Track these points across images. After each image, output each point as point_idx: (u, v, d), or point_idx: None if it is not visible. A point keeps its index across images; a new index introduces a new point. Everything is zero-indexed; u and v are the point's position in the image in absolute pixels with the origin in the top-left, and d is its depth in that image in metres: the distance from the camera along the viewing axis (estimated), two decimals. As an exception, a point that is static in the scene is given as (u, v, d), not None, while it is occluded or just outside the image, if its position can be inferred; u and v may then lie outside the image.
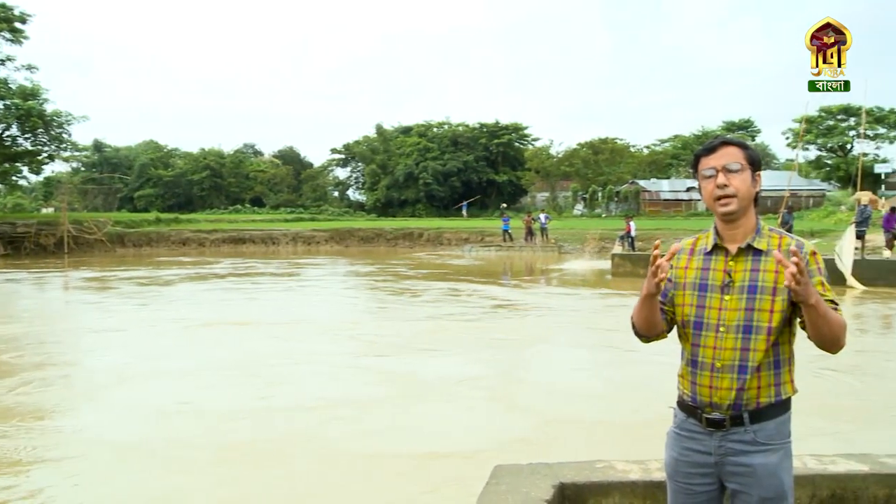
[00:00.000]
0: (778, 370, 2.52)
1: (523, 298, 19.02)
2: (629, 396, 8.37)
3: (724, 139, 2.59)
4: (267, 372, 9.81)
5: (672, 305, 2.68)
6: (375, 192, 79.07)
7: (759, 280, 2.49)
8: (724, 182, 2.52)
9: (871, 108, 63.12)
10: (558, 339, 12.72)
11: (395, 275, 26.00)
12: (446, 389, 8.89)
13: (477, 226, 47.97)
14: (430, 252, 40.62)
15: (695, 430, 2.60)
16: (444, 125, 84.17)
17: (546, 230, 39.78)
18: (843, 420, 7.51)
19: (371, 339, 12.72)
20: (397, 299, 18.65)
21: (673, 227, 40.69)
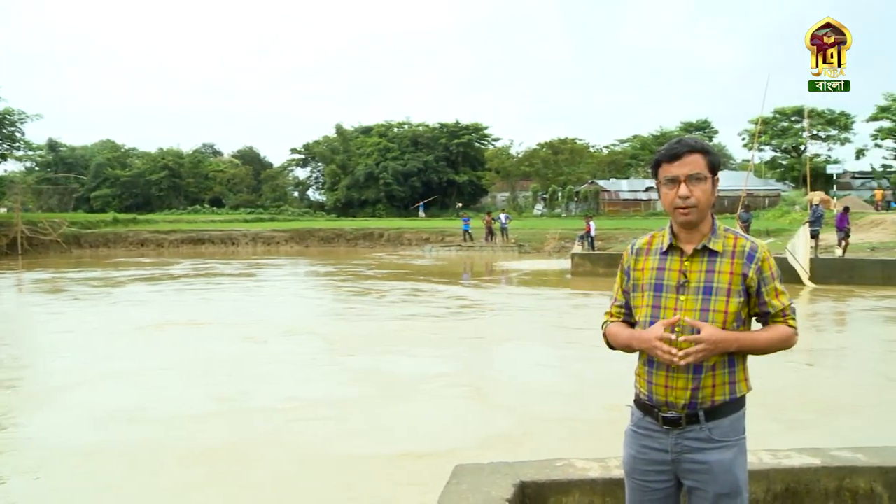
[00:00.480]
0: (732, 369, 2.55)
1: (486, 298, 19.05)
2: (601, 393, 8.42)
3: (689, 145, 2.55)
4: (233, 373, 9.68)
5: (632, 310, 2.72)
6: (336, 192, 78.75)
7: (715, 281, 2.51)
8: (687, 193, 2.51)
9: (822, 111, 64.84)
10: (525, 338, 12.77)
11: (357, 275, 25.90)
12: (417, 389, 8.86)
13: (437, 226, 48.00)
14: (390, 252, 40.54)
15: (651, 429, 2.62)
16: (405, 125, 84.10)
17: (506, 230, 39.93)
18: (798, 412, 7.66)
19: (336, 338, 12.62)
20: (361, 299, 18.57)
21: (632, 226, 41.09)
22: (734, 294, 2.50)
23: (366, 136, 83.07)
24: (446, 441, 6.84)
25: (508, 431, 7.14)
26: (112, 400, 8.45)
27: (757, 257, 2.53)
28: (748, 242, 2.57)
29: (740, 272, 2.51)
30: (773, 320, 2.57)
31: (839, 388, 9.01)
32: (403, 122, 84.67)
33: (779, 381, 8.78)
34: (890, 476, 3.54)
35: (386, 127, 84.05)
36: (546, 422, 7.51)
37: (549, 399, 8.41)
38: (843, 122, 65.36)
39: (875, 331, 13.82)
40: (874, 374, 9.88)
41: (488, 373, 9.97)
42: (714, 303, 2.50)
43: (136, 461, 6.43)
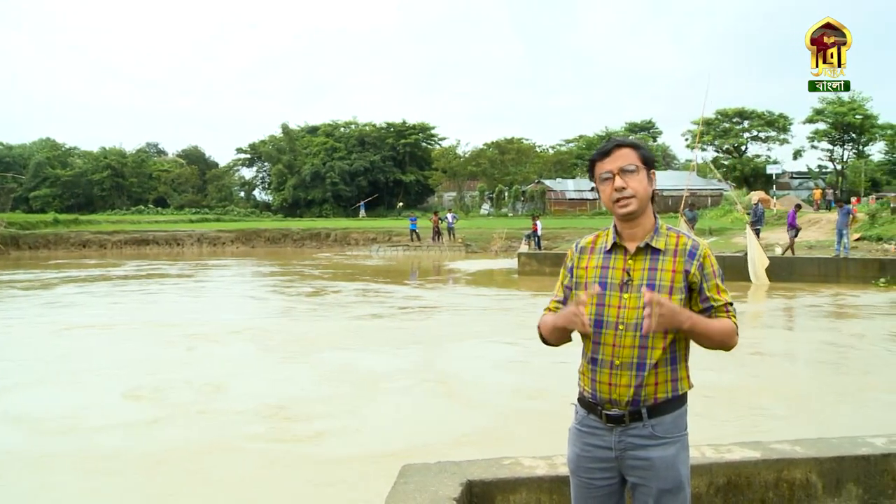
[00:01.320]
0: (675, 366, 2.58)
1: (435, 298, 19.04)
2: (566, 390, 8.46)
3: (617, 141, 2.61)
4: (177, 376, 9.48)
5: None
6: (282, 192, 78.03)
7: (658, 279, 2.54)
8: (622, 185, 2.54)
9: (762, 112, 66.67)
10: (479, 337, 12.73)
11: (305, 275, 25.67)
12: (378, 389, 8.76)
13: (384, 226, 47.90)
14: (337, 252, 40.31)
15: (595, 426, 2.63)
16: (352, 125, 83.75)
17: (453, 230, 40.02)
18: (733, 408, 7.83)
19: (287, 339, 12.45)
20: (310, 300, 18.40)
21: (578, 225, 41.53)
22: (676, 291, 2.53)
23: (312, 135, 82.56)
24: (411, 441, 6.79)
25: (477, 430, 7.12)
26: (43, 408, 8.22)
27: (698, 254, 2.57)
28: (689, 241, 2.60)
29: (682, 269, 2.54)
30: (716, 314, 2.59)
31: (788, 380, 9.23)
32: (350, 121, 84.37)
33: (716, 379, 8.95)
34: (824, 466, 3.65)
35: (332, 126, 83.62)
36: (516, 418, 7.53)
37: (515, 396, 8.46)
38: (781, 124, 67.36)
39: (817, 325, 14.19)
40: (819, 365, 10.15)
41: (450, 371, 9.91)
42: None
43: (87, 468, 6.26)
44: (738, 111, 67.52)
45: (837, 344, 11.73)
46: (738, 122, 68.22)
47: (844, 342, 11.87)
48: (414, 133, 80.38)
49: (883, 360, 10.34)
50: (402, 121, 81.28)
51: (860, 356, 10.77)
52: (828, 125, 62.75)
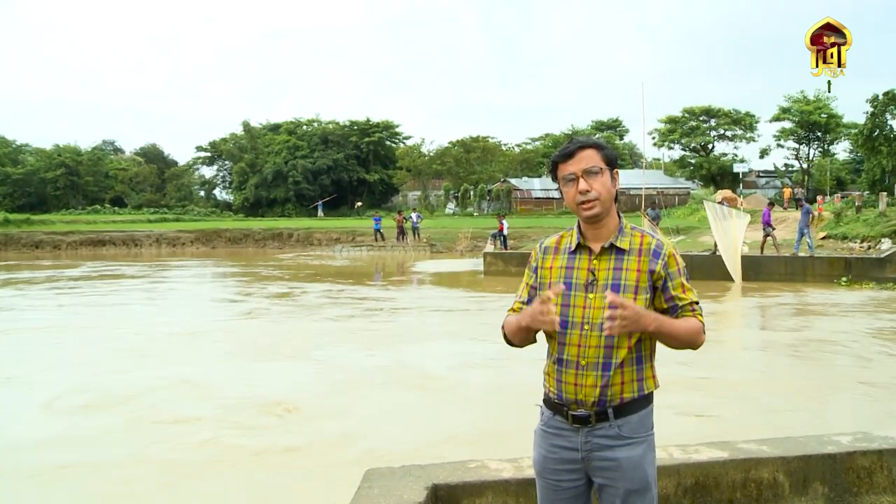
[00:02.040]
0: (641, 366, 2.59)
1: (401, 299, 19.01)
2: (531, 389, 8.48)
3: (580, 143, 2.61)
4: (144, 380, 9.34)
5: None
6: (243, 191, 77.42)
7: (623, 279, 2.55)
8: (586, 187, 2.55)
9: (729, 110, 67.54)
10: (452, 337, 12.77)
11: (267, 276, 25.48)
12: (357, 391, 8.73)
13: (348, 225, 47.76)
14: (300, 253, 40.10)
15: (561, 427, 2.64)
16: (315, 123, 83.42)
17: (418, 229, 40.02)
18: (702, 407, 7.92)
19: (250, 340, 12.35)
20: (274, 301, 18.24)
21: (544, 224, 41.76)
22: (641, 291, 2.54)
23: (274, 133, 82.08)
24: (382, 443, 6.75)
25: (448, 431, 7.11)
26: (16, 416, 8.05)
27: (663, 254, 2.59)
28: (654, 240, 2.62)
29: (647, 269, 2.56)
30: (682, 313, 2.60)
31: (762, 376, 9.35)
32: (313, 119, 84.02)
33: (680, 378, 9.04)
34: (791, 465, 3.70)
35: (295, 124, 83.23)
36: (489, 417, 7.57)
37: (487, 395, 8.49)
38: (747, 122, 68.22)
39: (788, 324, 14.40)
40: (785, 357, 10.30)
41: (422, 370, 9.90)
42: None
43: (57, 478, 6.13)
44: (704, 109, 68.17)
45: (806, 342, 11.91)
46: (704, 121, 68.85)
47: (817, 338, 12.06)
48: (378, 131, 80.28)
49: (851, 358, 10.52)
50: (366, 119, 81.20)
51: (825, 356, 10.95)
52: (794, 124, 63.75)
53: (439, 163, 71.05)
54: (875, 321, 13.90)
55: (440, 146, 74.55)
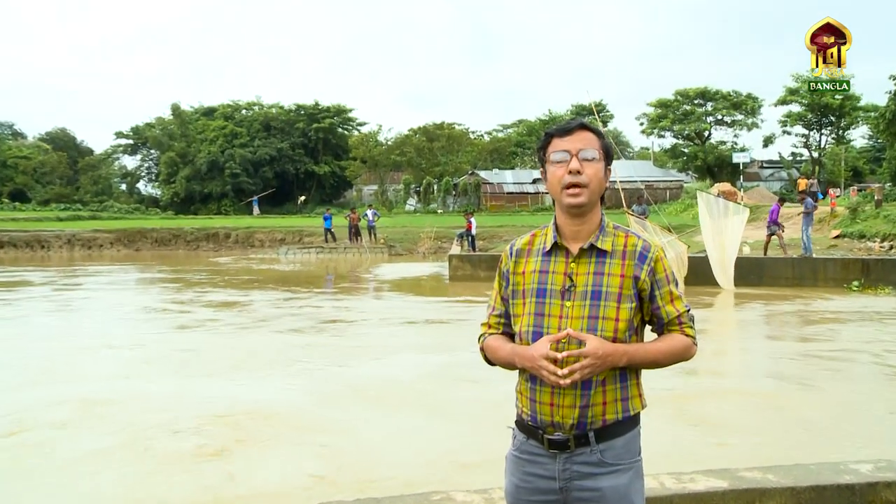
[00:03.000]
0: (625, 383, 2.58)
1: (357, 308, 18.98)
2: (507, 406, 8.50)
3: (582, 123, 2.64)
4: (37, 404, 9.18)
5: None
6: (173, 184, 76.71)
7: (604, 284, 2.54)
8: (578, 168, 2.56)
9: (728, 92, 67.23)
10: (414, 351, 12.73)
11: (201, 283, 25.22)
12: (301, 413, 8.65)
13: (294, 224, 47.49)
14: (239, 256, 39.78)
15: (536, 453, 2.62)
16: (255, 106, 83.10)
17: (374, 229, 39.91)
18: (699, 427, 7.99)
19: (184, 358, 12.23)
20: (210, 312, 18.04)
21: (518, 223, 41.88)
22: (625, 299, 2.54)
23: (208, 118, 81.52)
24: (357, 471, 6.71)
25: (427, 456, 7.11)
26: None
27: (649, 257, 2.59)
28: (640, 241, 2.62)
29: (631, 274, 2.56)
30: (668, 329, 2.63)
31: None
32: (253, 102, 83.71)
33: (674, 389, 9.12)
34: (801, 497, 3.68)
35: (233, 108, 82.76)
36: (471, 441, 7.57)
37: (465, 415, 8.54)
38: (749, 106, 67.69)
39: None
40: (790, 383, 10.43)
41: (386, 387, 9.88)
42: (603, 309, 2.53)
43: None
44: (700, 91, 67.92)
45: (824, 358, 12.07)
46: (700, 104, 68.84)
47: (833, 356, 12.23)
48: (328, 116, 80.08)
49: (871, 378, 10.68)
50: (315, 102, 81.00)
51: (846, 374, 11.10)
52: (803, 107, 62.87)
53: (398, 153, 71.08)
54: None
55: (399, 134, 74.82)
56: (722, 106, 67.81)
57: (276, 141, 77.67)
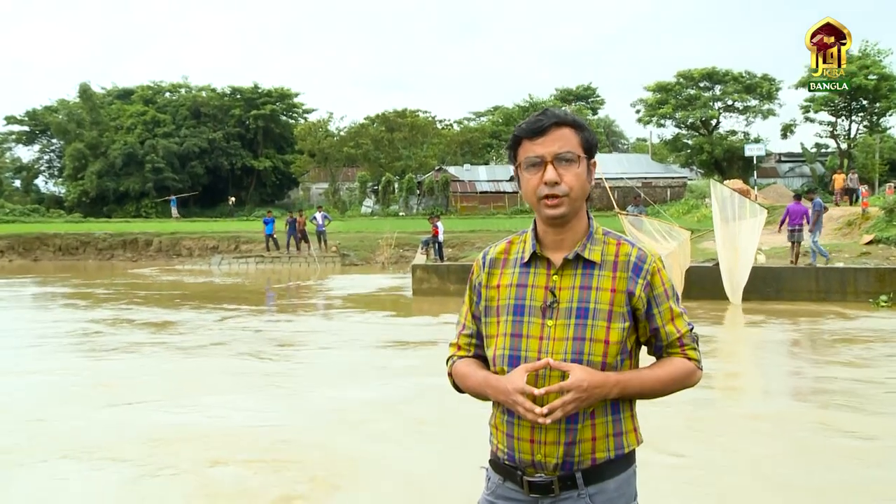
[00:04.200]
0: (618, 415, 2.60)
1: (302, 328, 18.98)
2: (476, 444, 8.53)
3: (556, 117, 2.60)
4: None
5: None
6: (80, 181, 75.89)
7: (592, 301, 2.55)
8: (555, 178, 2.55)
9: (739, 73, 66.82)
10: (369, 379, 12.73)
11: (115, 299, 25.01)
12: (233, 456, 8.65)
13: (230, 229, 47.24)
14: (164, 266, 39.55)
15: (514, 498, 2.64)
16: (181, 89, 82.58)
17: (324, 234, 39.80)
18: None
19: (109, 385, 12.25)
20: (128, 334, 17.93)
21: (493, 228, 41.85)
22: (617, 318, 2.55)
23: (124, 102, 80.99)
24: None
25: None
26: None
27: (646, 269, 2.60)
28: (634, 250, 2.63)
29: (624, 289, 2.57)
30: (668, 352, 2.65)
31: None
32: (179, 84, 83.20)
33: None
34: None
35: (154, 90, 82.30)
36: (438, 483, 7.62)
37: (431, 452, 8.62)
38: (765, 89, 67.00)
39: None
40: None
41: (337, 424, 9.90)
42: (591, 329, 2.54)
43: None
44: (706, 73, 67.39)
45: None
46: (706, 88, 68.55)
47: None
48: (270, 102, 79.77)
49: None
50: (254, 85, 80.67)
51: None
52: (829, 90, 61.64)
53: (353, 145, 70.95)
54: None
55: (354, 123, 74.78)
56: (732, 89, 67.04)
57: (207, 130, 77.30)
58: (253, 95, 79.87)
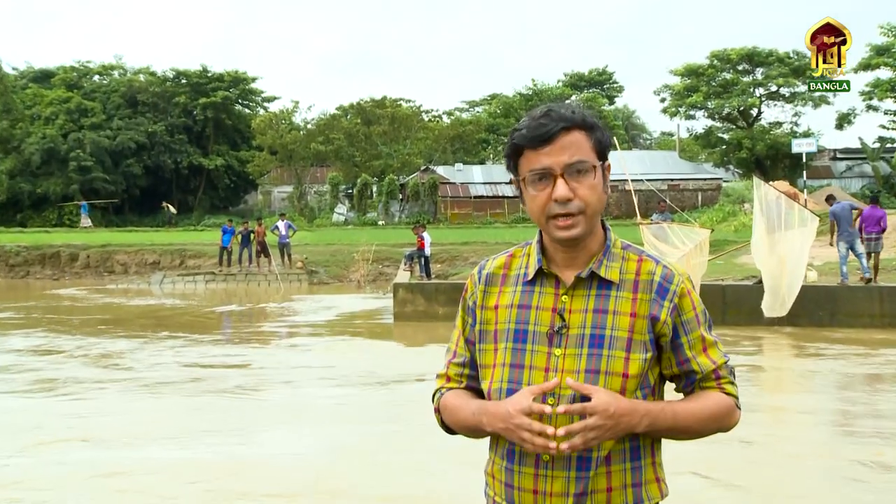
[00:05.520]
0: (639, 462, 2.60)
1: (261, 362, 18.97)
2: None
3: (564, 120, 2.55)
4: None
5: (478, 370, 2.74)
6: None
7: (609, 326, 2.55)
8: (567, 194, 2.51)
9: (785, 53, 65.55)
10: (346, 422, 12.80)
11: (39, 326, 24.94)
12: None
13: (175, 241, 47.08)
14: (93, 286, 39.39)
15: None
16: (114, 71, 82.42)
17: (288, 247, 39.74)
18: None
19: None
20: (58, 369, 17.94)
21: (489, 239, 41.82)
22: (637, 347, 2.55)
23: (43, 86, 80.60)
24: None
25: None
26: None
27: (672, 290, 2.59)
28: (658, 268, 2.62)
29: (647, 314, 2.57)
30: (701, 386, 2.64)
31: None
32: (111, 65, 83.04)
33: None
34: None
35: (80, 73, 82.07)
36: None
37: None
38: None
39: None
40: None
41: (301, 474, 9.94)
42: (607, 360, 2.53)
43: None
44: (745, 53, 66.36)
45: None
46: (746, 71, 67.92)
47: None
48: (222, 88, 79.51)
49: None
50: (202, 68, 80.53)
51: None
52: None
53: (322, 140, 70.81)
54: None
55: (324, 114, 74.63)
56: (777, 73, 65.64)
57: (145, 122, 76.93)
58: (201, 80, 79.61)
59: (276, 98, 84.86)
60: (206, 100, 78.12)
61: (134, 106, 78.64)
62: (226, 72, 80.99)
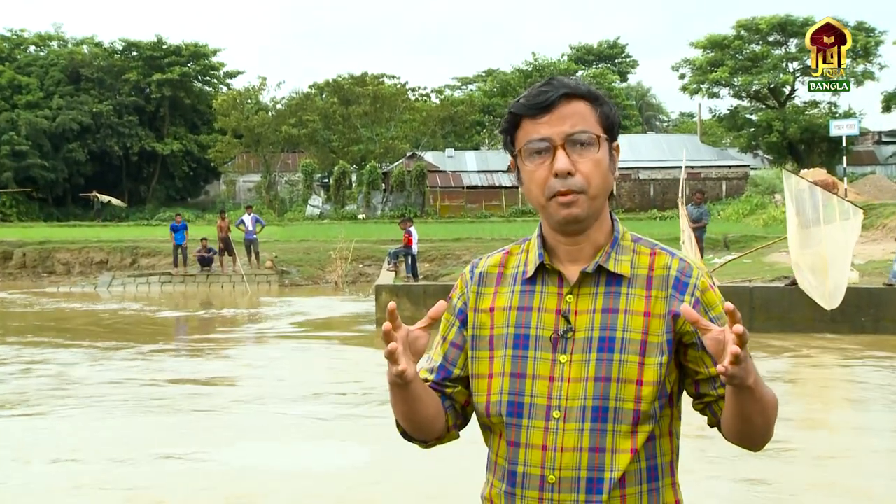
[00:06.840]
0: (656, 483, 2.60)
1: (227, 374, 19.07)
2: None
3: (566, 87, 2.55)
4: None
5: (462, 383, 2.74)
6: None
7: (620, 328, 2.54)
8: (568, 167, 2.49)
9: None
10: (319, 439, 12.89)
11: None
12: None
13: (124, 238, 47.01)
14: (30, 289, 39.38)
15: None
16: (52, 42, 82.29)
17: (255, 243, 39.73)
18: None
19: None
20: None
21: (484, 235, 41.90)
22: (653, 350, 2.52)
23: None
24: None
25: None
26: None
27: (692, 284, 2.56)
28: (674, 261, 2.62)
29: (662, 312, 2.56)
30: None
31: None
32: (50, 35, 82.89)
33: None
34: None
35: (13, 43, 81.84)
36: None
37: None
38: (861, 44, 62.90)
39: None
40: None
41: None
42: (619, 366, 2.51)
43: None
44: (778, 22, 65.37)
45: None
46: (778, 43, 67.43)
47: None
48: (180, 63, 79.41)
49: None
50: (157, 39, 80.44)
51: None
52: None
53: (294, 122, 70.69)
54: None
55: (296, 92, 74.58)
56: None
57: (90, 100, 76.76)
58: (155, 53, 79.48)
59: (240, 73, 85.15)
60: (161, 76, 78.04)
61: (76, 82, 78.50)
62: (184, 44, 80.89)
